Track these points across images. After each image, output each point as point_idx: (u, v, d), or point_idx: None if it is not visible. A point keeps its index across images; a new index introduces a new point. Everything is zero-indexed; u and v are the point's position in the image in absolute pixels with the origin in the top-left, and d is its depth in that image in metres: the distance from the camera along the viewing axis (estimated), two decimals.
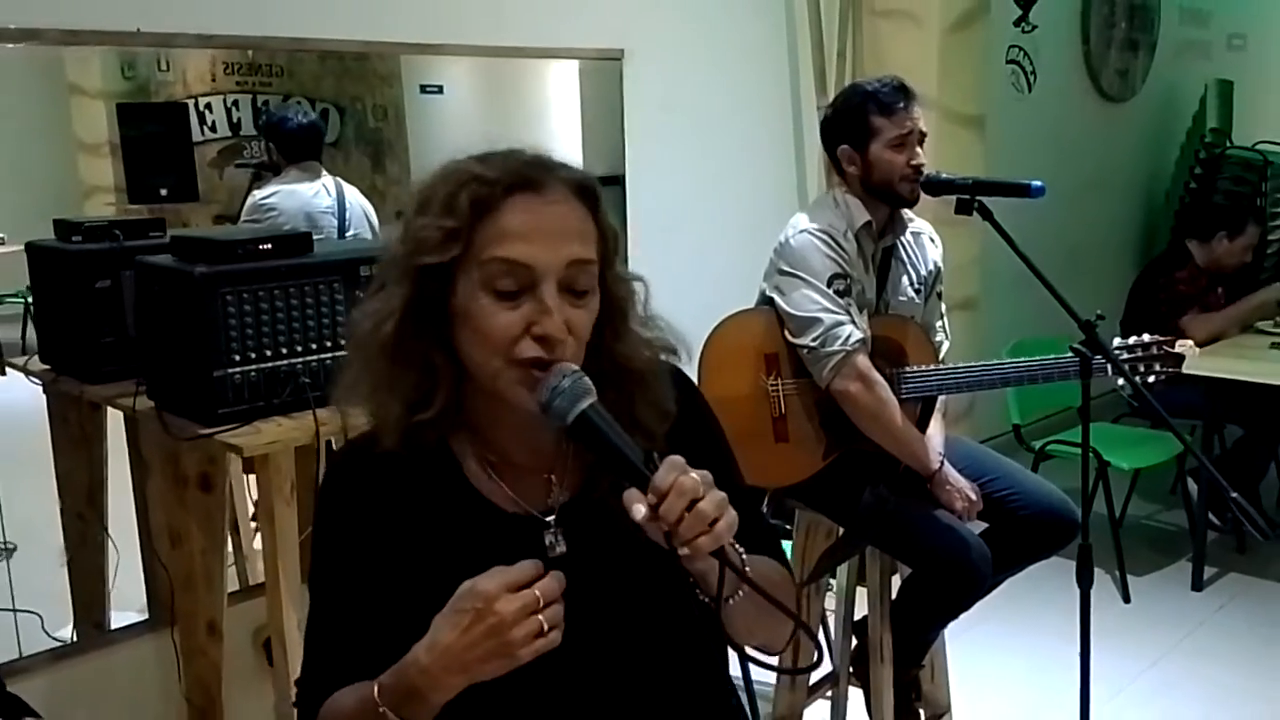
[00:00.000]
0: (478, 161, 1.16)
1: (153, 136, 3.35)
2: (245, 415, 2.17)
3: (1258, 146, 5.99)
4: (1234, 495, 2.10)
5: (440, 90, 4.27)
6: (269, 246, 2.26)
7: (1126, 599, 3.80)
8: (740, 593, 1.15)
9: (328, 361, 2.27)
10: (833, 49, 3.94)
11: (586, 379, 1.12)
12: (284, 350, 2.23)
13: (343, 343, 2.28)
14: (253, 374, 2.19)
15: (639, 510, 1.05)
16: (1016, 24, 4.95)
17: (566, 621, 1.08)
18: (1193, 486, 4.11)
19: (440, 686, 1.08)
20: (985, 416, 4.50)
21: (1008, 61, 4.95)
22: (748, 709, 1.25)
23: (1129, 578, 3.86)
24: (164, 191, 3.08)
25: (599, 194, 1.20)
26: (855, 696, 2.65)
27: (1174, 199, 5.93)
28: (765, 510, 2.48)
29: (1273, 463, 4.42)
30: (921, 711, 2.67)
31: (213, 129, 3.58)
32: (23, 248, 3.14)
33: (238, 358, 2.17)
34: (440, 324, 1.17)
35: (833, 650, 2.60)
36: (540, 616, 1.05)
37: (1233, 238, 4.34)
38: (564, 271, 1.14)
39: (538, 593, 1.05)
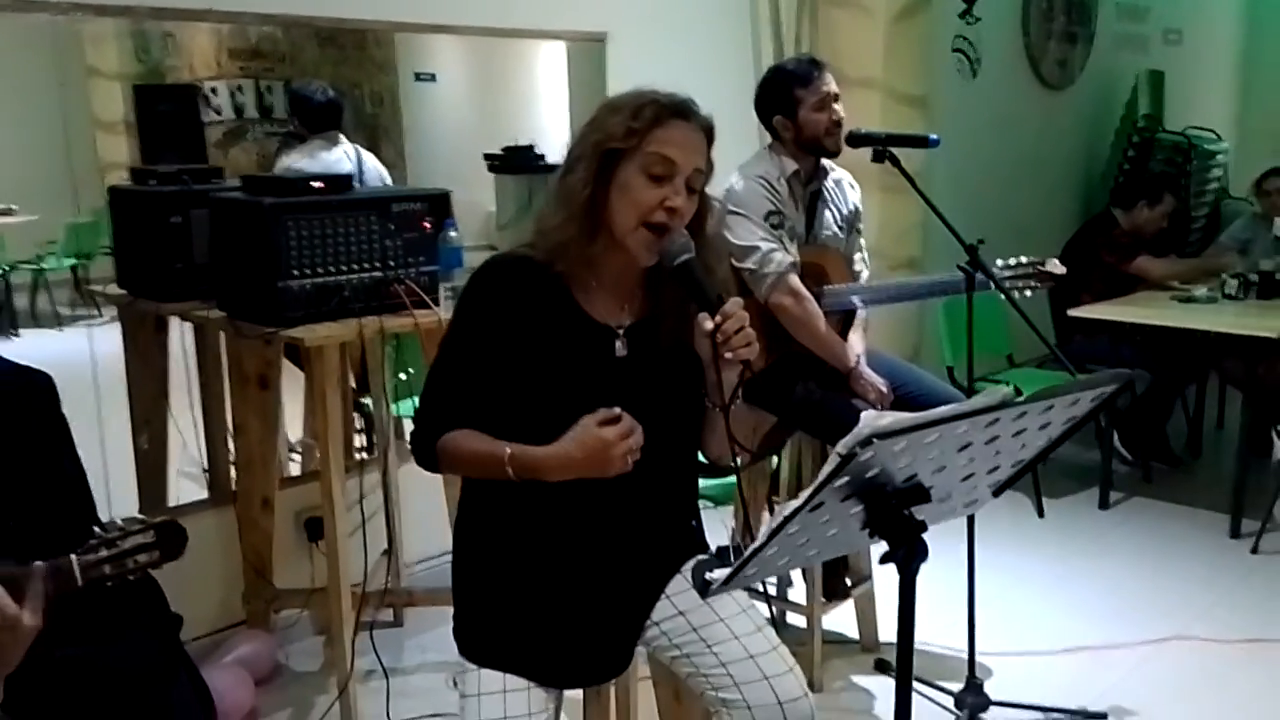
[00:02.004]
0: (658, 92, 1.76)
1: (165, 115, 3.78)
2: (301, 319, 2.72)
3: (1186, 131, 6.59)
4: None
5: (433, 78, 4.65)
6: (321, 184, 2.82)
7: (1040, 514, 4.38)
8: (737, 403, 1.76)
9: (365, 279, 2.82)
10: (790, 35, 4.49)
11: (691, 241, 1.74)
12: (331, 268, 2.78)
13: (379, 264, 2.84)
14: (308, 286, 2.74)
15: (709, 324, 1.67)
16: (961, 16, 5.50)
17: (617, 405, 1.66)
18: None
19: (554, 475, 1.67)
20: (923, 362, 5.07)
21: (953, 50, 5.50)
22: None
23: (1045, 500, 4.43)
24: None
25: (714, 136, 1.79)
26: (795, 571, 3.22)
27: (1109, 179, 6.51)
28: None
29: (1178, 403, 5.01)
30: (847, 579, 3.24)
31: (218, 112, 3.98)
32: (35, 218, 3.58)
33: (296, 273, 2.72)
34: (604, 193, 1.73)
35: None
36: (630, 443, 1.64)
37: (1152, 206, 4.93)
38: (691, 172, 1.73)
39: (627, 430, 1.64)
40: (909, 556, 1.36)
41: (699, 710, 2.08)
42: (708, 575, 1.46)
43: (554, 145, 5.56)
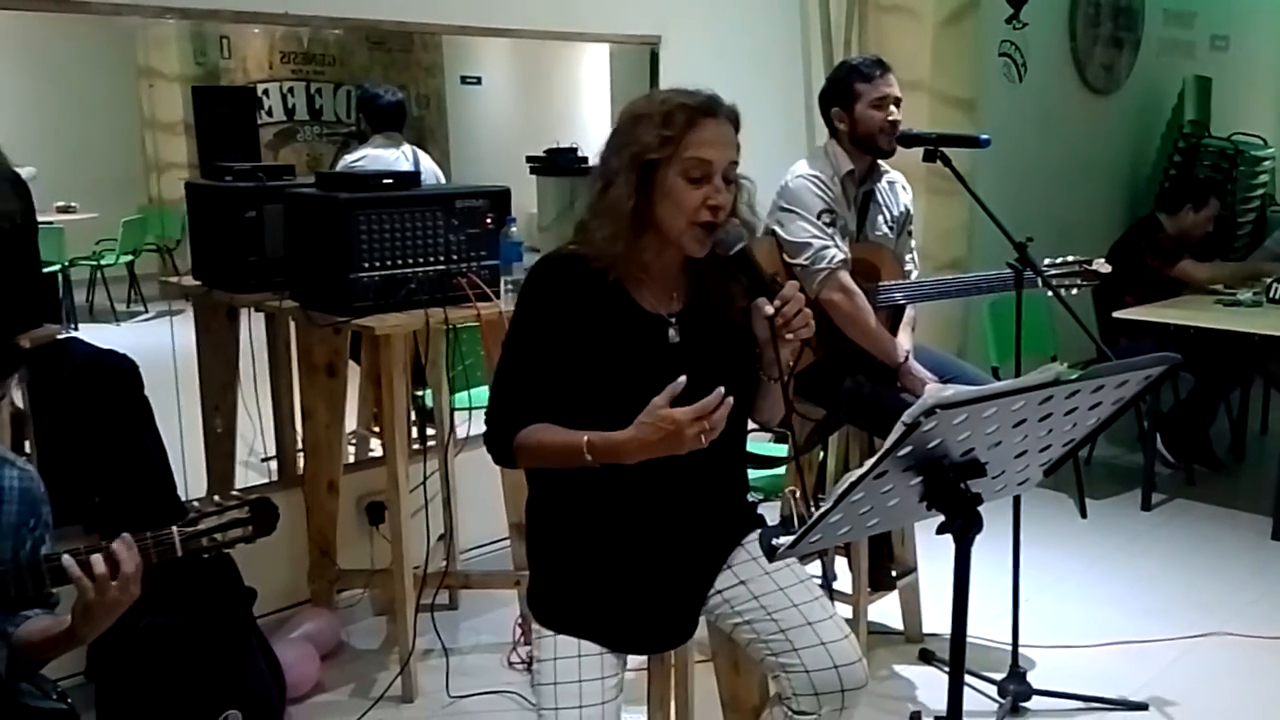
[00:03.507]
0: (679, 94, 1.83)
1: (223, 117, 3.91)
2: (370, 310, 2.85)
3: (1232, 137, 6.59)
4: None
5: (479, 81, 4.75)
6: (390, 181, 2.95)
7: (1083, 515, 4.43)
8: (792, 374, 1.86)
9: (430, 272, 2.94)
10: (840, 39, 4.58)
11: (743, 229, 1.85)
12: (398, 262, 2.90)
13: (442, 257, 2.96)
14: (376, 278, 2.86)
15: (768, 309, 1.77)
16: (1008, 21, 5.54)
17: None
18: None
19: (633, 457, 1.75)
20: (969, 362, 5.12)
21: (1000, 54, 5.54)
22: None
23: (1087, 501, 4.47)
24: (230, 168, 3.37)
25: (740, 122, 1.87)
26: (839, 561, 3.29)
27: (1154, 183, 6.53)
28: None
29: (1221, 407, 5.03)
30: (893, 571, 3.31)
31: (269, 113, 4.10)
32: (94, 216, 3.71)
33: (366, 265, 2.85)
34: (648, 200, 1.83)
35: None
36: (706, 423, 1.69)
37: (1197, 210, 4.97)
38: (726, 167, 1.82)
39: (702, 412, 1.70)
40: (965, 528, 1.44)
41: (756, 680, 2.18)
42: (774, 541, 1.55)
43: (596, 147, 5.61)
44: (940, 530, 1.47)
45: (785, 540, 1.45)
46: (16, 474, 1.88)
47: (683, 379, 1.71)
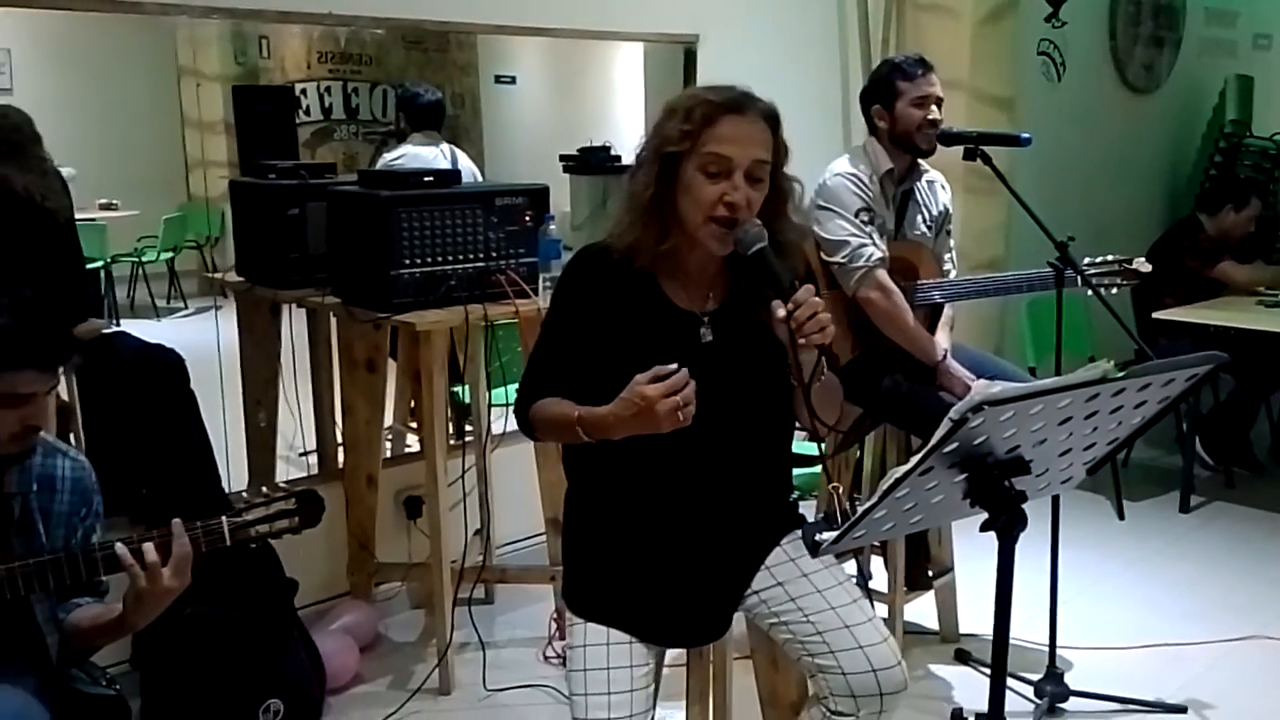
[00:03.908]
0: (708, 90, 1.85)
1: (263, 116, 3.95)
2: (410, 306, 2.88)
3: (1275, 137, 6.51)
4: None
5: (513, 81, 4.78)
6: (431, 179, 2.98)
7: (1121, 517, 4.39)
8: (820, 379, 1.84)
9: (469, 269, 2.97)
10: (878, 38, 4.57)
11: (764, 230, 1.82)
12: (438, 259, 2.93)
13: (482, 254, 2.99)
14: (417, 275, 2.89)
15: (781, 311, 1.75)
16: (1047, 20, 5.51)
17: (706, 390, 1.75)
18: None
19: (614, 433, 1.77)
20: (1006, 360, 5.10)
21: (1039, 53, 5.50)
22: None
23: (1125, 503, 4.44)
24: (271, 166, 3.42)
25: (779, 120, 1.87)
26: (875, 560, 3.29)
27: (1194, 184, 6.46)
28: None
29: (1262, 409, 4.98)
30: (929, 570, 3.31)
31: (306, 113, 4.15)
32: (135, 213, 3.76)
33: (407, 262, 2.88)
34: (669, 193, 1.84)
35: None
36: (678, 398, 1.69)
37: (1238, 210, 4.92)
38: (749, 165, 1.81)
39: (674, 385, 1.70)
40: (1009, 525, 1.45)
41: (794, 677, 2.18)
42: (817, 536, 1.56)
43: (629, 146, 5.62)
44: (984, 527, 1.47)
45: (829, 535, 1.46)
46: (69, 463, 1.92)
47: (674, 366, 1.71)
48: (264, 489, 1.94)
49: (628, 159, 1.96)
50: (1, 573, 1.74)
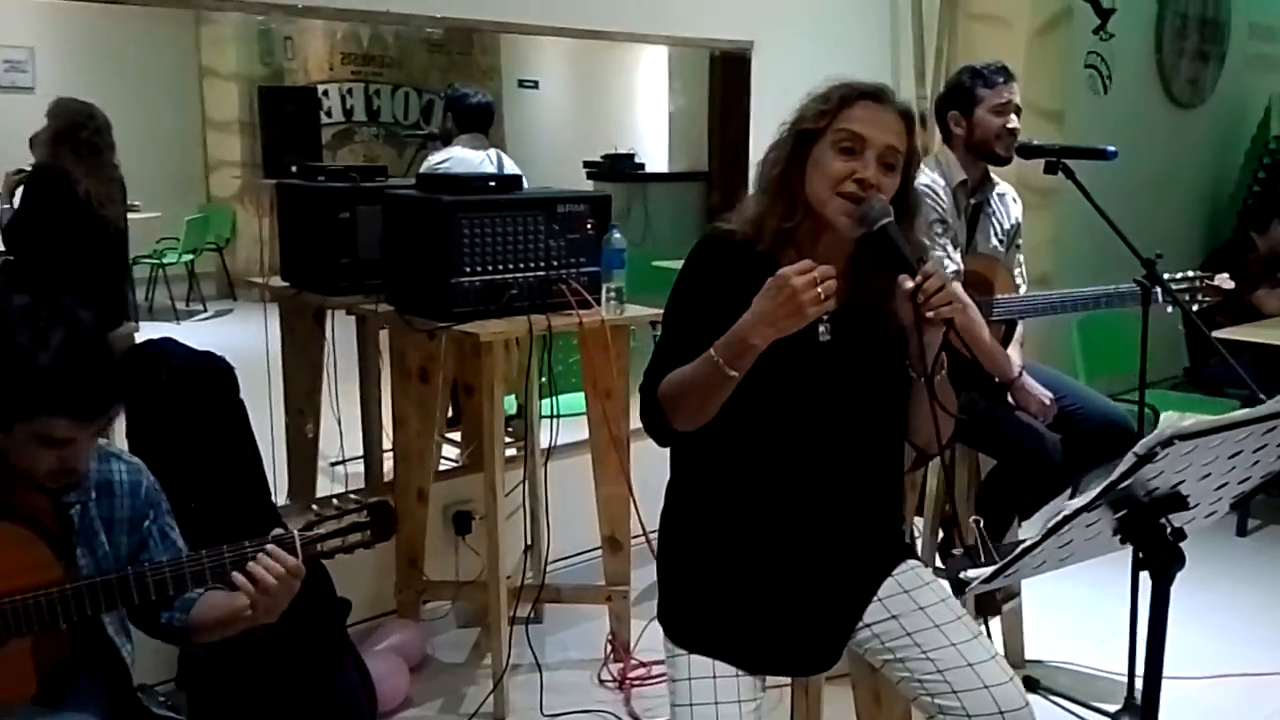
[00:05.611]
0: (850, 79, 1.81)
1: (288, 117, 3.88)
2: (470, 316, 2.78)
3: None
4: None
5: (536, 85, 4.71)
6: (493, 184, 2.88)
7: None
8: (940, 372, 1.77)
9: (531, 278, 2.87)
10: (930, 47, 4.47)
11: (890, 208, 1.75)
12: (500, 266, 2.83)
13: (543, 263, 2.89)
14: (478, 283, 2.79)
15: (909, 284, 1.69)
16: (1095, 32, 5.42)
17: (820, 391, 1.66)
18: None
19: (757, 335, 1.66)
20: None
21: (1086, 65, 5.42)
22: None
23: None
24: (294, 168, 3.39)
25: (914, 122, 1.83)
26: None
27: (1237, 200, 6.36)
28: None
29: None
30: (998, 595, 3.19)
31: (328, 114, 4.08)
32: (157, 215, 3.69)
33: (467, 269, 2.78)
34: (799, 171, 1.79)
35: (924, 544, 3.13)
36: (819, 289, 1.63)
37: None
38: (882, 149, 1.76)
39: (816, 274, 1.64)
40: (1167, 565, 1.34)
41: (899, 714, 2.07)
42: (962, 574, 1.45)
43: (653, 153, 5.59)
44: (1139, 567, 1.37)
45: (976, 574, 1.35)
46: (124, 467, 1.84)
47: (810, 262, 1.66)
48: (335, 500, 1.86)
49: (652, 166, 1.90)
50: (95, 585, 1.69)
